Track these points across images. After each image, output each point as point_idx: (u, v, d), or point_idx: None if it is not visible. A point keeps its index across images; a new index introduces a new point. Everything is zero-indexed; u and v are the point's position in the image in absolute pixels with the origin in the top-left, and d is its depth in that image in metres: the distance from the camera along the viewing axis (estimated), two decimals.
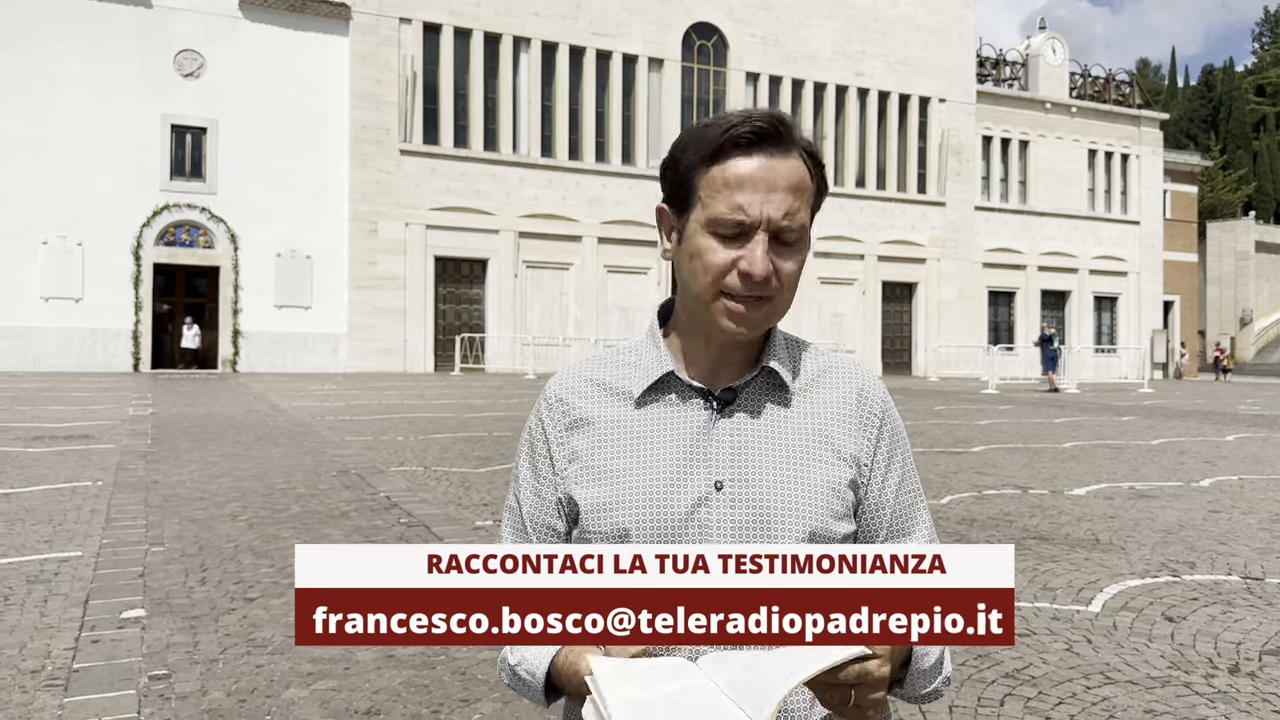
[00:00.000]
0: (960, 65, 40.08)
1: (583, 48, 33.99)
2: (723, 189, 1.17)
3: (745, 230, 1.17)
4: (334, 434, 12.64)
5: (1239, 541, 6.69)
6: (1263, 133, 78.03)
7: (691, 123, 17.03)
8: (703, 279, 1.20)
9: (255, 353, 29.78)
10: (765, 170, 1.17)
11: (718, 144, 1.18)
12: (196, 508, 7.41)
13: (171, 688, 3.72)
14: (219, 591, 5.06)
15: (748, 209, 1.16)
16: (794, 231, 1.19)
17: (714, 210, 1.18)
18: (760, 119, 1.18)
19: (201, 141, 29.46)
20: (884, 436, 1.29)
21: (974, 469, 10.28)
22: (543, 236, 33.39)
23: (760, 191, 1.17)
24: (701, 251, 1.20)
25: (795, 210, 1.18)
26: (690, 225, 1.22)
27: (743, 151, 1.18)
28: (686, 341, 1.28)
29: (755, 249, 1.17)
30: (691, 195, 1.21)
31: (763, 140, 1.18)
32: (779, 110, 1.21)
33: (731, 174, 1.17)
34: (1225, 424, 17.08)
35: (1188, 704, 3.65)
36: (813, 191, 1.22)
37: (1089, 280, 43.08)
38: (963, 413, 18.43)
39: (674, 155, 1.24)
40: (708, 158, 1.19)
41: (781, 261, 1.20)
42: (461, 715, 3.50)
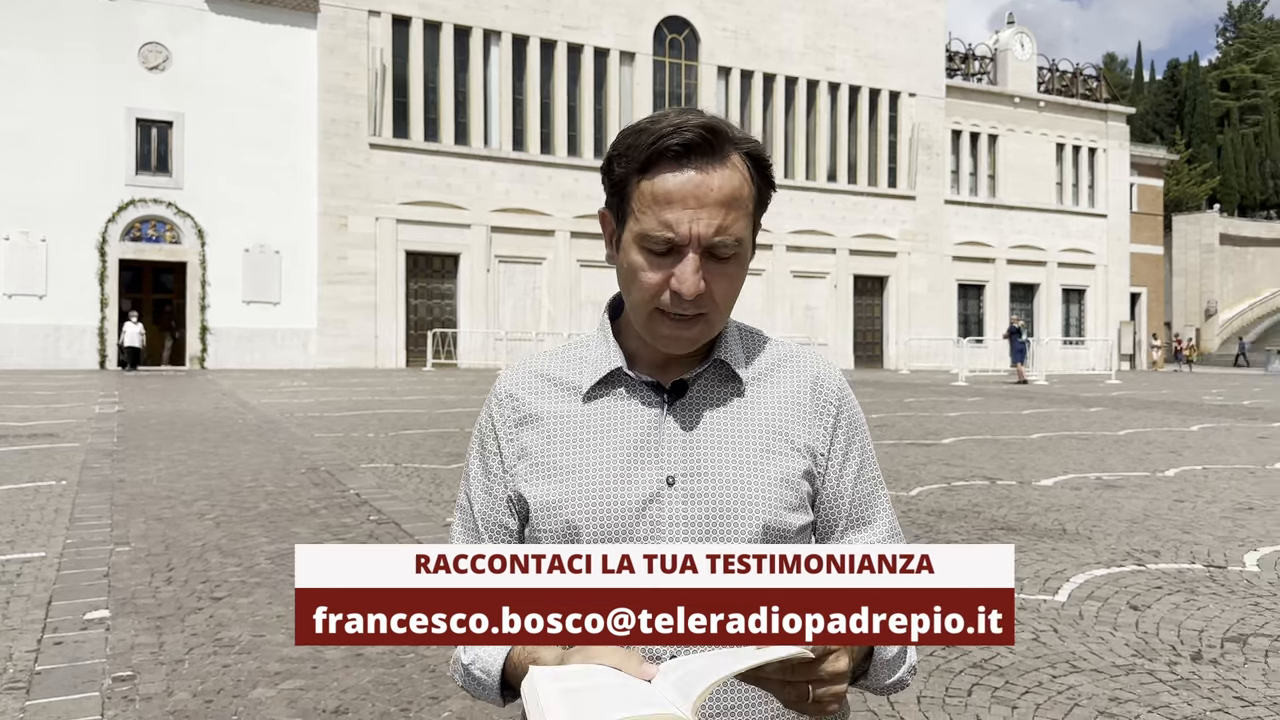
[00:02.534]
0: (930, 60, 40.31)
1: (554, 41, 33.87)
2: (651, 205, 1.14)
3: (676, 248, 1.14)
4: (303, 431, 12.55)
5: (1202, 530, 6.78)
6: (1227, 127, 79.09)
7: None
8: (636, 295, 1.19)
9: (224, 349, 29.50)
10: (695, 185, 1.13)
11: (647, 155, 1.14)
12: (163, 506, 7.33)
13: (136, 689, 3.67)
14: (185, 591, 5.01)
15: (676, 227, 1.13)
16: (728, 246, 1.15)
17: (643, 226, 1.15)
18: (691, 129, 1.13)
19: (168, 135, 29.11)
20: (840, 426, 1.27)
21: (943, 461, 10.35)
22: (515, 231, 33.28)
23: (690, 208, 1.13)
24: (634, 268, 1.17)
25: (728, 225, 1.14)
26: (625, 237, 1.19)
27: (672, 165, 1.13)
28: (636, 335, 1.26)
29: (686, 268, 1.14)
30: (626, 205, 1.18)
31: (692, 152, 1.13)
32: (713, 119, 1.16)
33: (660, 189, 1.13)
34: (1190, 414, 17.30)
35: (1151, 691, 3.70)
36: (752, 198, 1.18)
37: (1057, 273, 43.52)
38: (932, 405, 18.56)
39: (609, 161, 1.20)
40: (637, 169, 1.16)
41: (715, 280, 1.16)
42: (431, 713, 3.49)
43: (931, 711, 3.51)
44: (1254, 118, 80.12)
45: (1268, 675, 3.88)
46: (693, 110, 1.18)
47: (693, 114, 1.16)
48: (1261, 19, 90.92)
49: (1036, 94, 42.91)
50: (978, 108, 41.64)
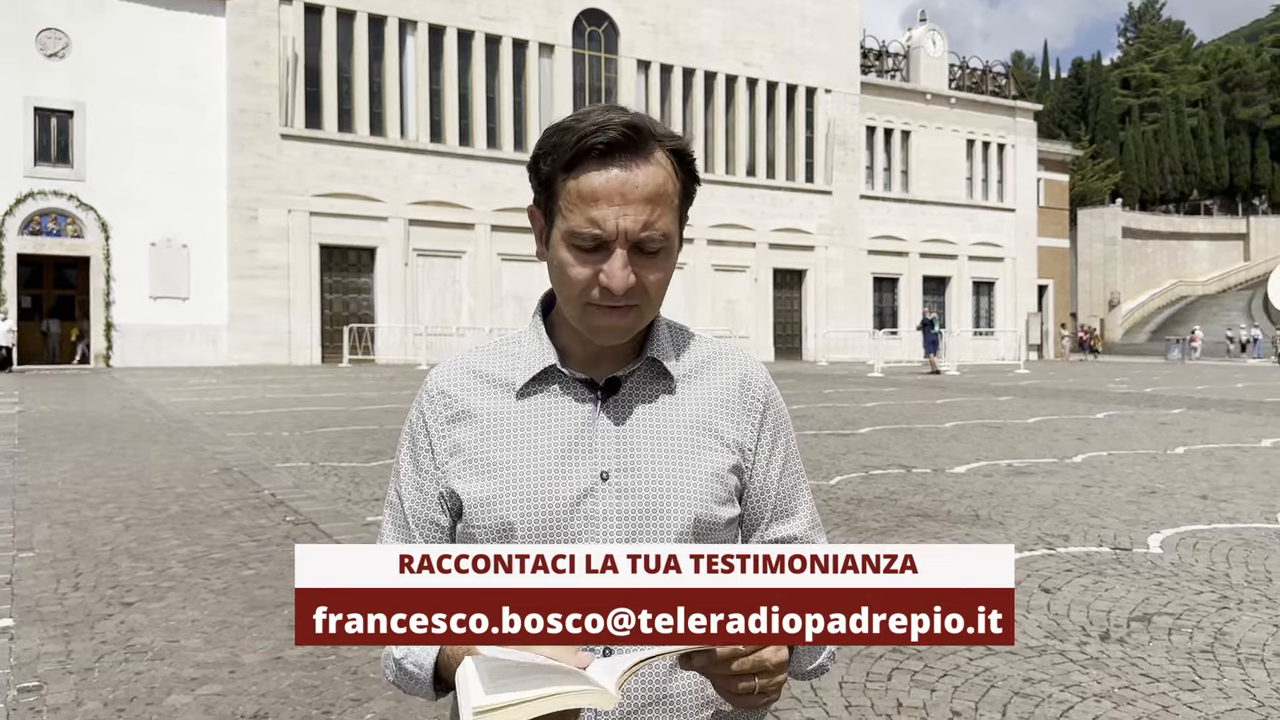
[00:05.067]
0: (845, 56, 40.92)
1: (471, 31, 33.51)
2: (578, 203, 1.15)
3: (603, 244, 1.15)
4: (214, 430, 12.23)
5: (1109, 514, 7.02)
6: (1128, 124, 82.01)
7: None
8: (567, 291, 1.20)
9: (129, 347, 28.57)
10: (620, 183, 1.14)
11: (572, 154, 1.15)
12: (69, 509, 7.07)
13: (43, 700, 3.54)
14: (94, 597, 4.84)
15: (603, 224, 1.14)
16: (656, 241, 1.16)
17: (571, 224, 1.16)
18: (614, 128, 1.14)
19: (68, 125, 28.05)
20: (767, 422, 1.31)
21: (861, 450, 10.54)
22: (434, 224, 32.86)
23: (615, 205, 1.14)
24: (564, 265, 1.18)
25: (655, 220, 1.16)
26: (554, 234, 1.20)
27: (596, 163, 1.15)
28: (569, 333, 1.27)
29: (614, 263, 1.15)
30: (553, 202, 1.19)
31: (616, 150, 1.15)
32: (636, 115, 1.18)
33: (586, 187, 1.15)
34: (1096, 402, 17.91)
35: (1063, 671, 3.82)
36: (677, 193, 1.20)
37: (968, 266, 44.64)
38: (850, 396, 18.89)
39: (536, 158, 1.21)
40: (563, 168, 1.17)
41: (645, 273, 1.17)
42: (353, 715, 3.43)
43: (853, 696, 3.57)
44: (1154, 115, 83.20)
45: (1171, 653, 4.04)
46: (616, 108, 1.19)
47: (616, 112, 1.17)
48: (1160, 20, 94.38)
49: (948, 91, 43.90)
50: (891, 104, 42.43)
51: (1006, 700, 3.53)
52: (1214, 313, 62.18)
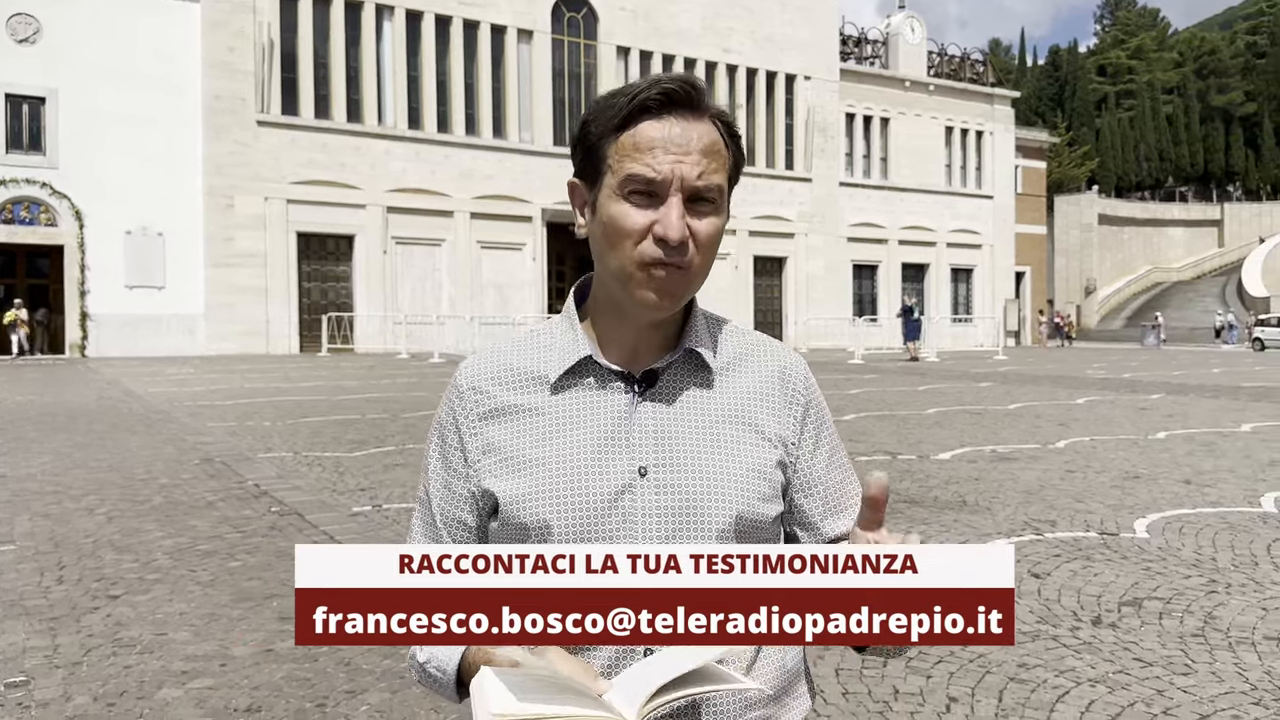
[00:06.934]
0: (824, 43, 40.90)
1: (449, 17, 33.24)
2: (633, 152, 1.13)
3: (658, 190, 1.12)
4: (195, 420, 12.11)
5: (1094, 499, 7.07)
6: (1104, 111, 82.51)
7: (563, 97, 16.92)
8: (617, 247, 1.14)
9: (105, 336, 28.26)
10: (679, 132, 1.13)
11: (626, 111, 1.14)
12: (49, 501, 6.99)
13: (31, 695, 3.49)
14: (79, 590, 4.78)
15: (659, 167, 1.12)
16: (711, 190, 1.14)
17: (625, 170, 1.13)
18: (669, 81, 1.14)
19: (40, 112, 27.64)
20: (810, 415, 1.27)
21: (846, 437, 10.57)
22: (412, 211, 32.63)
23: (673, 153, 1.12)
24: (615, 218, 1.14)
25: (711, 171, 1.14)
26: (603, 194, 1.16)
27: (652, 116, 1.13)
28: (605, 323, 1.23)
29: (671, 211, 1.12)
30: (602, 164, 1.16)
31: (673, 103, 1.14)
32: (691, 75, 1.17)
33: (642, 138, 1.13)
34: (1076, 388, 18.04)
35: (1056, 656, 3.84)
36: (729, 160, 1.18)
37: (946, 253, 44.82)
38: (833, 383, 18.93)
39: (583, 127, 1.19)
40: (617, 126, 1.15)
41: (698, 224, 1.14)
42: (348, 707, 3.40)
43: (850, 683, 3.57)
44: (1129, 102, 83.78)
45: (1163, 636, 4.06)
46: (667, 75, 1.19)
47: (666, 74, 1.17)
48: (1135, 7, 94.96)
49: (926, 78, 43.98)
50: (871, 91, 42.47)
51: (1002, 686, 3.54)
52: (1189, 299, 62.80)
